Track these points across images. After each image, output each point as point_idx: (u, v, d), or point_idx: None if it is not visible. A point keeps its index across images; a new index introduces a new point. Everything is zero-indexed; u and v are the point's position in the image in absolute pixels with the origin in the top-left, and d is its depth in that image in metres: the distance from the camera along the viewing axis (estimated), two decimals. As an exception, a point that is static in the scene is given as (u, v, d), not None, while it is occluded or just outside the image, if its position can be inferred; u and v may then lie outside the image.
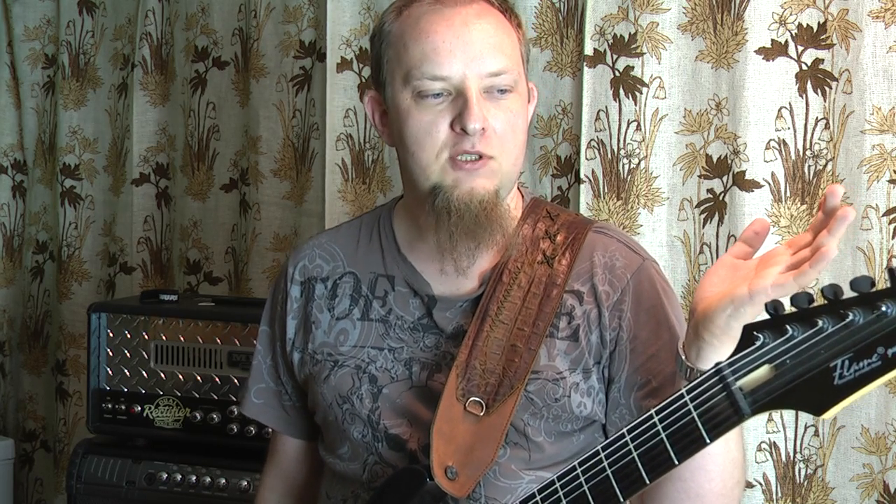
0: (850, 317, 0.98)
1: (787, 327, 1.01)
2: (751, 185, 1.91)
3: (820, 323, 0.99)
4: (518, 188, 1.45)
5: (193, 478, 2.03)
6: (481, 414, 1.30)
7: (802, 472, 1.92)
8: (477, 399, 1.30)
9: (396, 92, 1.33)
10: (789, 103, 1.90)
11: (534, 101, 1.42)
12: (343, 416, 1.38)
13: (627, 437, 1.10)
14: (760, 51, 1.90)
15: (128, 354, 2.09)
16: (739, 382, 1.04)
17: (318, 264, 1.46)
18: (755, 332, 1.04)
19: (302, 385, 1.47)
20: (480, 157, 1.30)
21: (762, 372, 1.03)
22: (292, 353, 1.46)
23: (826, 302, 1.00)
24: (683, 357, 1.17)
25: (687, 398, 1.07)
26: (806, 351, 1.00)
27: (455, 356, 1.33)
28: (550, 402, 1.32)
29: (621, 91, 2.00)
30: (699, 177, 1.98)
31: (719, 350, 1.12)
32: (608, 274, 1.36)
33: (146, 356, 2.08)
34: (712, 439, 1.06)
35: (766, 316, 1.04)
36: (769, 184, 1.91)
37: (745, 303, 1.09)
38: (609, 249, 1.38)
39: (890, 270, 0.96)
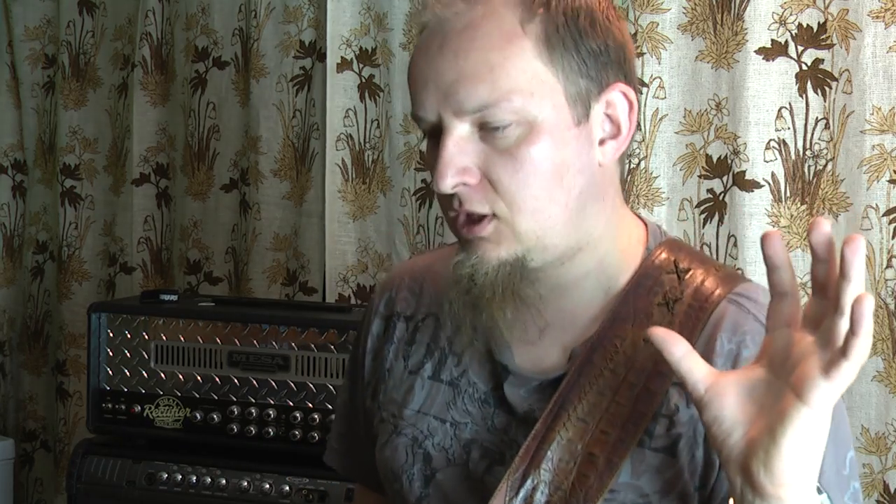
0: None
1: None
2: (751, 185, 1.91)
3: None
4: (645, 224, 1.09)
5: (193, 478, 2.03)
6: None
7: (802, 472, 1.91)
8: None
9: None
10: (789, 103, 1.90)
11: (630, 109, 1.02)
12: (393, 496, 1.13)
13: None
14: (760, 51, 1.90)
15: (128, 354, 2.09)
16: None
17: (405, 297, 1.19)
18: None
19: (374, 436, 1.19)
20: (480, 216, 0.98)
21: None
22: (367, 398, 1.20)
23: None
24: None
25: None
26: None
27: (521, 446, 1.02)
28: None
29: (621, 91, 2.00)
30: (699, 177, 1.98)
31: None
32: (729, 367, 0.99)
33: (146, 356, 2.08)
34: None
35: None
36: (769, 184, 1.91)
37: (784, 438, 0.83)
38: (739, 331, 1.00)
39: None
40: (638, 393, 0.99)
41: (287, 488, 1.96)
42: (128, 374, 2.09)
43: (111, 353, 2.10)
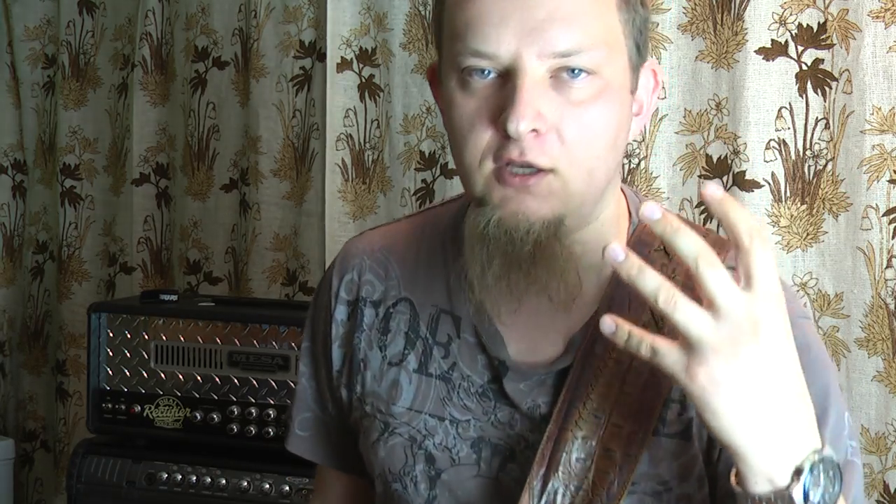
0: None
1: None
2: (751, 185, 1.91)
3: None
4: (628, 199, 1.06)
5: (193, 478, 2.03)
6: None
7: (802, 472, 1.91)
8: None
9: (445, 67, 0.98)
10: (789, 103, 1.90)
11: (654, 88, 1.03)
12: (391, 495, 1.09)
13: None
14: (760, 51, 1.90)
15: (128, 354, 2.09)
16: None
17: (369, 280, 1.13)
18: None
19: (353, 426, 1.15)
20: (533, 168, 0.93)
21: None
22: (339, 388, 1.15)
23: None
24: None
25: None
26: None
27: (530, 442, 1.00)
28: None
29: (621, 91, 2.00)
30: (699, 177, 1.98)
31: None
32: None
33: (146, 356, 2.08)
34: None
35: None
36: (769, 184, 1.91)
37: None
38: None
39: None
40: (645, 380, 0.97)
41: (287, 488, 1.96)
42: (128, 374, 2.09)
43: (111, 353, 2.10)
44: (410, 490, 1.06)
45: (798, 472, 0.82)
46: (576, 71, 0.92)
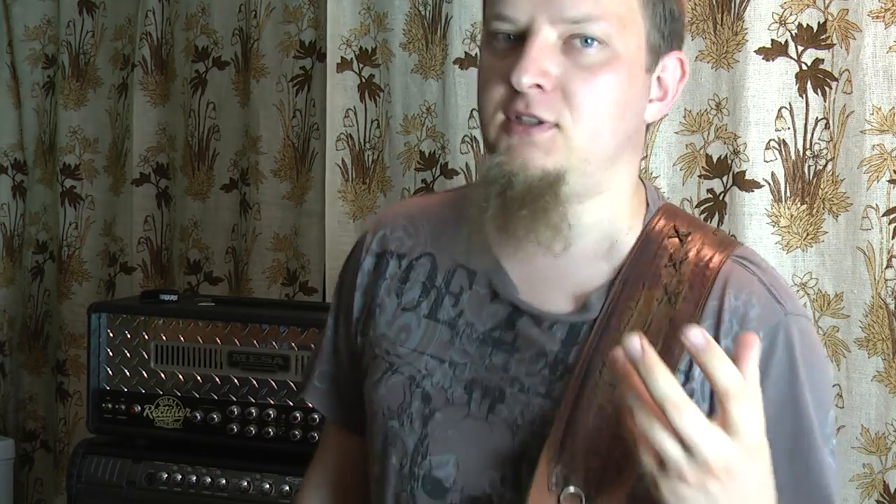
0: None
1: None
2: (751, 185, 1.91)
3: None
4: (644, 184, 1.15)
5: (193, 478, 2.03)
6: None
7: (802, 472, 1.91)
8: (575, 491, 1.01)
9: (483, 32, 1.10)
10: (789, 103, 1.90)
11: (681, 78, 1.10)
12: (386, 433, 1.14)
13: None
14: (760, 51, 1.90)
15: (128, 354, 2.09)
16: None
17: (399, 237, 1.20)
18: None
19: (363, 372, 1.21)
20: (540, 122, 1.02)
21: None
22: (357, 335, 1.21)
23: None
24: None
25: None
26: None
27: (525, 386, 1.07)
28: None
29: (621, 91, 2.00)
30: (699, 177, 1.98)
31: None
32: (735, 325, 1.05)
33: (146, 356, 2.08)
34: None
35: None
36: (769, 184, 1.91)
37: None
38: (745, 291, 1.06)
39: None
40: (658, 353, 1.00)
41: (287, 488, 1.96)
42: (128, 374, 2.09)
43: (111, 353, 2.10)
44: (406, 427, 1.12)
45: None
46: (588, 40, 1.01)
